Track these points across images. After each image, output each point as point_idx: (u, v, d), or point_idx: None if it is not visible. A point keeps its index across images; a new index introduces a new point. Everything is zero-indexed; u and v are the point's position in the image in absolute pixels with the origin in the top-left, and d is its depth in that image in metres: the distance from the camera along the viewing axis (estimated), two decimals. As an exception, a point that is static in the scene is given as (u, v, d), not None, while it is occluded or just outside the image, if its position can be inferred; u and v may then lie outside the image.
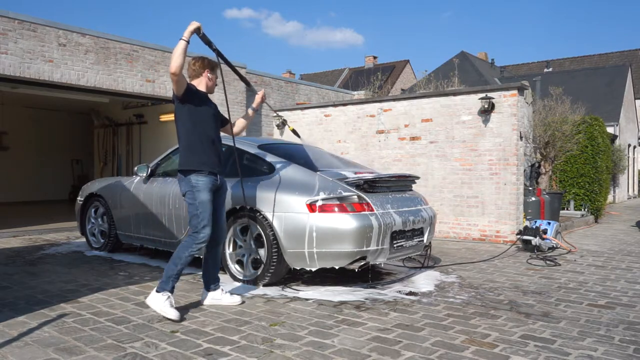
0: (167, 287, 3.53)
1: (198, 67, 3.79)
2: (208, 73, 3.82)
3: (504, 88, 7.56)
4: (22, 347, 2.93)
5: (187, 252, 3.56)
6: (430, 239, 5.12)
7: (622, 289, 4.59)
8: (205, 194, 3.62)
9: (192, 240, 3.58)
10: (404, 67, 34.11)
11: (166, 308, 3.46)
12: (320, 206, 4.20)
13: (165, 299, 3.49)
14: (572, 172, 11.53)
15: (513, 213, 7.33)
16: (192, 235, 3.60)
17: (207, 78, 3.82)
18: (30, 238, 7.41)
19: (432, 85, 14.39)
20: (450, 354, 2.90)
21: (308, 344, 3.04)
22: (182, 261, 3.55)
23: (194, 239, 3.58)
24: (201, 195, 3.61)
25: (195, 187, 3.61)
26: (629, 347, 3.04)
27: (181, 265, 3.55)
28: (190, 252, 3.56)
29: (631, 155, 23.49)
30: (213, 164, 3.71)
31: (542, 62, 33.24)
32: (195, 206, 3.60)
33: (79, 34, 8.18)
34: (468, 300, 4.11)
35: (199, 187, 3.61)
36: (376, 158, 8.83)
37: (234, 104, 10.62)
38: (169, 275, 3.54)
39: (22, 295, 4.07)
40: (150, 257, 5.89)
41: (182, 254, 3.56)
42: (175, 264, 3.55)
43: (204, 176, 3.64)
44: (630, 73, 23.91)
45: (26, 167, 14.22)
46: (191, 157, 3.65)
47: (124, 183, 5.92)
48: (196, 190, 3.61)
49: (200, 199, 3.60)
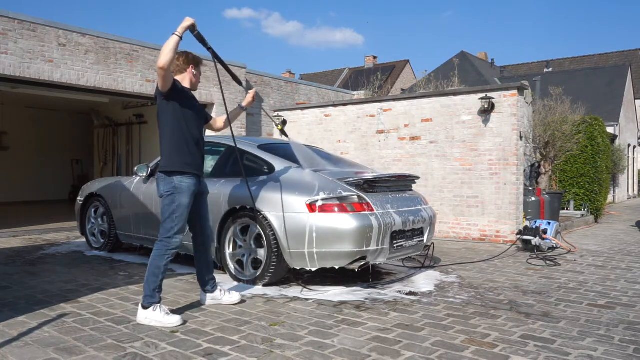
0: (155, 300, 3.40)
1: (182, 62, 3.64)
2: (192, 69, 3.68)
3: (504, 88, 7.56)
4: (22, 347, 2.93)
5: (164, 261, 3.45)
6: (431, 239, 5.12)
7: (622, 289, 4.59)
8: (186, 197, 3.49)
9: (165, 247, 3.45)
10: (404, 67, 34.11)
11: (164, 319, 3.34)
12: (320, 206, 4.20)
13: (159, 312, 3.36)
14: (572, 172, 11.53)
15: (513, 213, 7.33)
16: (163, 241, 3.45)
17: (192, 74, 3.68)
18: (30, 238, 7.41)
19: (432, 85, 14.40)
20: (450, 354, 2.90)
21: (308, 344, 3.04)
22: (162, 270, 3.43)
23: (167, 246, 3.45)
24: (182, 199, 3.47)
25: (177, 188, 3.46)
26: (629, 347, 3.04)
27: (162, 275, 3.44)
28: (167, 260, 3.45)
29: (631, 155, 23.49)
30: (197, 166, 3.59)
31: (542, 62, 33.22)
32: (172, 209, 3.45)
33: (79, 34, 8.18)
34: (468, 300, 4.11)
35: (182, 190, 3.47)
36: (376, 158, 8.83)
37: (234, 104, 10.60)
38: (153, 288, 3.41)
39: (22, 295, 4.07)
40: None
41: (159, 263, 3.43)
42: (156, 275, 3.41)
43: (188, 178, 3.50)
44: (630, 73, 23.92)
45: (26, 167, 14.22)
46: (175, 157, 3.50)
47: (124, 183, 5.92)
48: (178, 192, 3.46)
49: (179, 202, 3.46)
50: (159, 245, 3.47)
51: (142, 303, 3.41)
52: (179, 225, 3.47)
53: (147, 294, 3.41)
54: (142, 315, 3.38)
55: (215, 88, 10.26)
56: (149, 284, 3.42)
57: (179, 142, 3.52)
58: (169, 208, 3.46)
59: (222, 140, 5.43)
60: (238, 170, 4.96)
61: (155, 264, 3.44)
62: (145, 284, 3.44)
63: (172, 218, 3.45)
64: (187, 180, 3.50)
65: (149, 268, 3.45)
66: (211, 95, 10.20)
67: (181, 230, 3.49)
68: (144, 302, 3.40)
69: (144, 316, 3.37)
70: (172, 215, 3.45)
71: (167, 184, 3.48)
